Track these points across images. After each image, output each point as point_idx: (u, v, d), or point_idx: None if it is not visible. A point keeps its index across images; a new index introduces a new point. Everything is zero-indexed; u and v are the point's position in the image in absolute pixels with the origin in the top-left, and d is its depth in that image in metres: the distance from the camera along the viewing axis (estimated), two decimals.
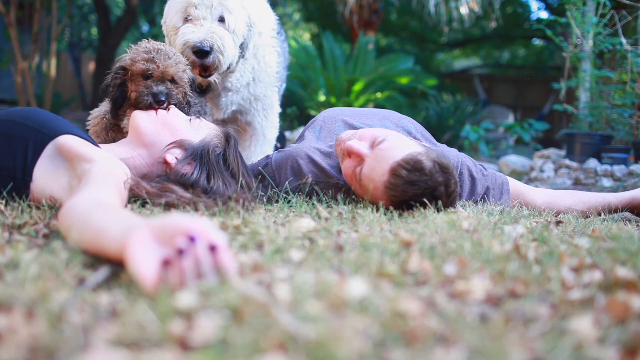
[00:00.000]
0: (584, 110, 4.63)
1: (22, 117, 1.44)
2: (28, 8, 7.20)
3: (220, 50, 2.03)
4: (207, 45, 2.00)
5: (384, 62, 8.14)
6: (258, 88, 2.36)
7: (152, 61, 1.73)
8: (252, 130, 2.48)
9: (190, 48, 2.00)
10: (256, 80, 2.34)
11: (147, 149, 1.59)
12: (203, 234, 0.80)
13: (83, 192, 1.11)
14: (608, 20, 4.50)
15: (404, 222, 1.41)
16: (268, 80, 2.39)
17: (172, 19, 2.07)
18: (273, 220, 1.37)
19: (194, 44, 1.99)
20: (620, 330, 0.67)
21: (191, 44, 2.00)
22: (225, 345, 0.60)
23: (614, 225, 1.56)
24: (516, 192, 1.96)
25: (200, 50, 1.99)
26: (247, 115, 2.44)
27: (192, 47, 2.00)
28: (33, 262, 0.87)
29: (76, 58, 11.05)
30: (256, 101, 2.40)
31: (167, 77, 1.75)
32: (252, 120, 2.45)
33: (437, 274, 0.90)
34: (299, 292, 0.77)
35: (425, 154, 1.56)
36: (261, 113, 2.45)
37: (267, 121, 2.48)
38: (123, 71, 1.78)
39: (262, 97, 2.40)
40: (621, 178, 3.84)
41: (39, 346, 0.59)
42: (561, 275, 0.90)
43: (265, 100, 2.42)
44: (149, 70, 1.73)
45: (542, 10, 13.52)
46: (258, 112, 2.43)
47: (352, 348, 0.59)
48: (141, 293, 0.75)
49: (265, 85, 2.38)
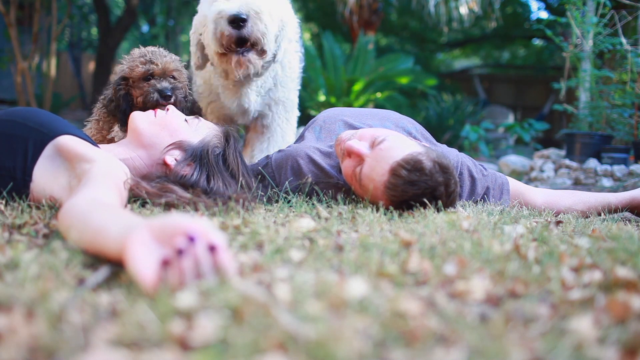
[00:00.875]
0: (584, 110, 4.63)
1: (22, 117, 1.44)
2: (28, 8, 7.19)
3: (259, 18, 1.85)
4: (244, 12, 1.82)
5: (384, 62, 8.14)
6: (279, 92, 2.31)
7: (150, 62, 1.75)
8: (269, 133, 2.43)
9: (225, 19, 1.82)
10: (277, 85, 2.28)
11: (146, 150, 1.59)
12: (202, 234, 0.80)
13: (83, 192, 1.11)
14: (608, 20, 4.50)
15: (404, 222, 1.41)
16: (291, 85, 2.35)
17: (204, 11, 1.96)
18: (273, 220, 1.37)
19: (230, 12, 1.81)
20: (620, 330, 0.67)
21: (226, 13, 1.81)
22: (225, 345, 0.60)
23: (614, 225, 1.56)
24: (516, 192, 1.96)
25: (236, 19, 1.81)
26: (266, 119, 2.39)
27: (228, 17, 1.81)
28: (33, 262, 0.87)
29: (76, 58, 11.05)
30: (276, 105, 2.35)
31: (168, 74, 1.77)
32: (271, 124, 2.41)
33: (437, 274, 0.90)
34: (299, 292, 0.77)
35: (425, 154, 1.56)
36: (282, 116, 2.40)
37: (288, 124, 2.44)
38: (124, 81, 1.80)
39: (285, 101, 2.36)
40: (621, 178, 3.84)
41: (39, 346, 0.59)
42: (561, 275, 0.90)
43: (287, 104, 2.38)
44: (149, 71, 1.75)
45: (542, 10, 13.53)
46: (279, 115, 2.38)
47: (352, 348, 0.59)
48: (141, 293, 0.75)
49: (288, 89, 2.34)
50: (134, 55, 1.81)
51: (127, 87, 1.80)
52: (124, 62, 1.83)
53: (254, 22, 1.85)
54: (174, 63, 1.79)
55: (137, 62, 1.77)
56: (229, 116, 2.35)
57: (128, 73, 1.79)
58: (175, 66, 1.79)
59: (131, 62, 1.79)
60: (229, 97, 2.20)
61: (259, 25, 1.86)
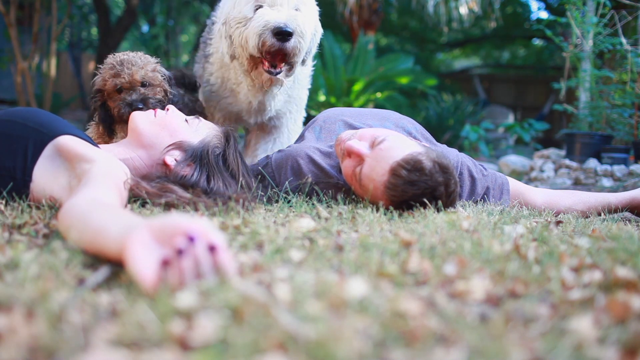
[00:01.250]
0: (584, 110, 4.62)
1: (22, 117, 1.44)
2: (28, 8, 7.19)
3: (302, 35, 1.87)
4: (291, 26, 1.83)
5: (384, 62, 8.13)
6: (296, 90, 2.30)
7: (117, 75, 1.76)
8: (277, 133, 2.42)
9: (270, 30, 1.83)
10: (296, 82, 2.27)
11: (146, 151, 1.59)
12: (202, 234, 0.80)
13: (83, 192, 1.11)
14: (608, 20, 4.50)
15: (404, 222, 1.41)
16: (304, 82, 2.34)
17: (242, 9, 1.92)
18: (273, 220, 1.37)
19: (277, 24, 1.82)
20: (620, 330, 0.67)
21: (273, 25, 1.82)
22: (225, 345, 0.60)
23: (614, 225, 1.56)
24: (516, 192, 1.96)
25: (282, 32, 1.82)
26: (277, 119, 2.37)
27: (274, 29, 1.82)
28: (33, 262, 0.87)
29: (76, 58, 11.05)
30: (290, 103, 2.34)
31: (136, 84, 1.77)
32: (280, 124, 2.40)
33: (437, 274, 0.90)
34: (299, 292, 0.77)
35: (425, 154, 1.56)
36: (295, 115, 2.39)
37: (296, 125, 2.43)
38: (100, 93, 1.81)
39: (297, 98, 2.35)
40: (621, 178, 3.84)
41: (39, 346, 0.59)
42: (561, 275, 0.90)
43: (299, 102, 2.37)
44: (117, 85, 1.76)
45: (542, 10, 13.52)
46: (291, 114, 2.37)
47: (352, 348, 0.59)
48: (141, 293, 0.75)
49: (301, 86, 2.33)
50: (106, 66, 1.81)
51: (103, 98, 1.83)
52: (98, 73, 1.83)
53: (298, 38, 1.88)
54: (141, 71, 1.78)
55: (107, 74, 1.78)
56: (239, 114, 2.32)
57: (101, 85, 1.80)
58: (144, 73, 1.78)
59: (103, 74, 1.80)
60: (253, 93, 2.15)
61: (301, 42, 1.90)
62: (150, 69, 1.81)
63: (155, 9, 11.10)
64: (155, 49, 10.54)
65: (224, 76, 2.23)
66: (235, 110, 2.30)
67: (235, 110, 2.30)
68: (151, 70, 1.81)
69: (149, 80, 1.80)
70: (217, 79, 2.25)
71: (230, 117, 2.35)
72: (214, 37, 2.19)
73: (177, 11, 11.19)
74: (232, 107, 2.30)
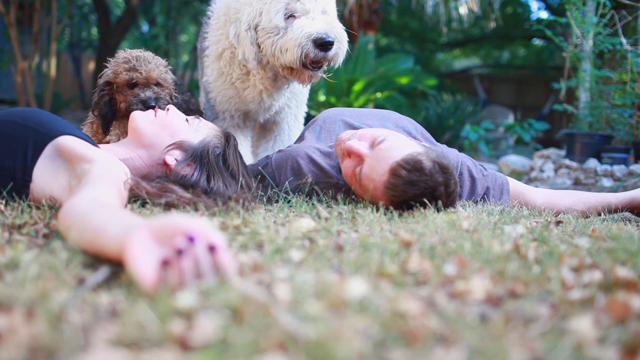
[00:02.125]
0: (584, 110, 4.62)
1: (22, 117, 1.44)
2: (28, 8, 7.19)
3: (340, 41, 1.93)
4: (332, 36, 1.88)
5: (384, 62, 8.13)
6: (296, 85, 2.29)
7: (134, 69, 1.74)
8: (278, 130, 2.41)
9: (313, 41, 1.87)
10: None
11: (147, 150, 1.59)
12: (202, 234, 0.81)
13: (83, 192, 1.11)
14: (608, 20, 4.49)
15: (404, 222, 1.41)
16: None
17: (273, 18, 1.93)
18: (273, 220, 1.37)
19: (319, 35, 1.86)
20: (620, 330, 0.68)
21: (315, 37, 1.86)
22: (225, 345, 0.60)
23: (614, 225, 1.56)
24: (516, 192, 1.96)
25: (325, 42, 1.87)
26: (277, 115, 2.36)
27: (316, 39, 1.86)
28: (33, 262, 0.87)
29: (76, 58, 11.04)
30: (290, 99, 2.33)
31: (152, 82, 1.76)
32: (281, 121, 2.39)
33: (437, 274, 0.90)
34: (299, 292, 0.77)
35: (425, 154, 1.56)
36: (295, 110, 2.39)
37: (296, 122, 2.43)
38: (109, 86, 1.79)
39: (297, 94, 2.35)
40: (621, 178, 3.84)
41: (39, 346, 0.59)
42: (561, 275, 0.90)
43: (300, 97, 2.37)
44: (133, 79, 1.74)
45: (542, 10, 13.53)
46: (290, 108, 2.37)
47: (352, 348, 0.59)
48: (141, 293, 0.75)
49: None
50: (118, 60, 1.78)
51: (111, 92, 1.79)
52: (108, 66, 1.81)
53: (338, 45, 1.93)
54: (157, 70, 1.77)
55: (121, 67, 1.75)
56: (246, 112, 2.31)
57: (112, 78, 1.77)
58: (159, 73, 1.78)
59: (115, 67, 1.77)
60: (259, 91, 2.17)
61: (341, 48, 1.95)
62: (163, 70, 1.81)
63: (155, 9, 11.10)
64: (155, 49, 10.52)
65: (221, 70, 2.21)
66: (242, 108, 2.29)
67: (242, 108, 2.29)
68: (164, 72, 1.81)
69: (162, 82, 1.79)
70: (213, 71, 2.24)
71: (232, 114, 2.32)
72: (210, 31, 2.19)
73: (177, 11, 11.19)
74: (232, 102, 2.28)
